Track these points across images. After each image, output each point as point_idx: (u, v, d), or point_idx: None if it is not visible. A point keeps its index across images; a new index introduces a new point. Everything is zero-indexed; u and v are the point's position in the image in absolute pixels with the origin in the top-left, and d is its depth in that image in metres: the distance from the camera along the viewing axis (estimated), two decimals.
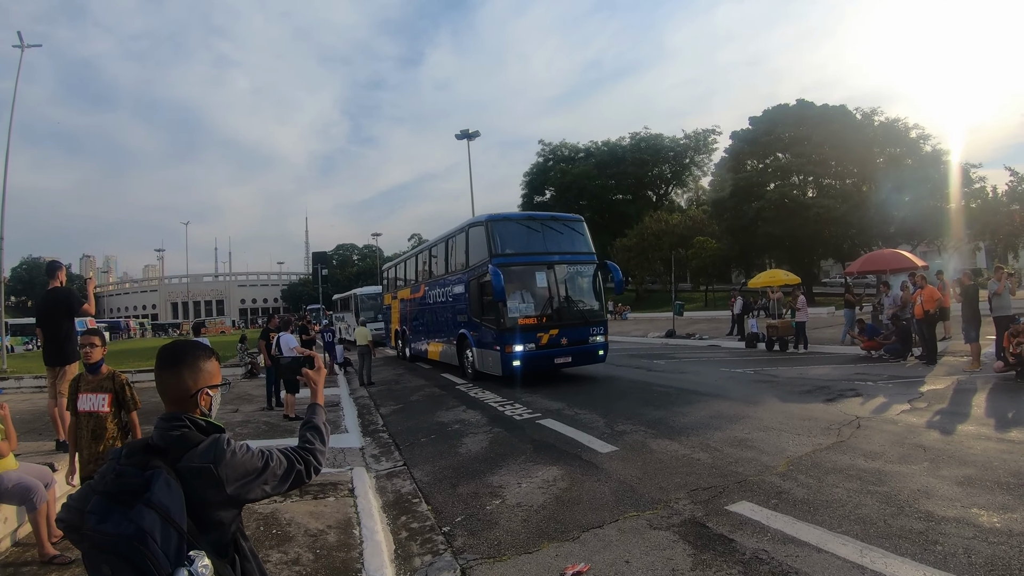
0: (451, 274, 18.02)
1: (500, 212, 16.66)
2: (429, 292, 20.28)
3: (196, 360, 2.23)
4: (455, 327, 17.50)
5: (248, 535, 2.23)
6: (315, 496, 6.88)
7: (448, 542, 5.53)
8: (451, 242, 18.22)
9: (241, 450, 2.07)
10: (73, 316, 7.39)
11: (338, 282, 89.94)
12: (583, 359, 15.44)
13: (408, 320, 23.79)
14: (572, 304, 15.36)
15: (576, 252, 16.02)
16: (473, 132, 42.82)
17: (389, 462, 8.64)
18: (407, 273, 24.87)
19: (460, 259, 17.18)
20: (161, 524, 1.77)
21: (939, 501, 5.52)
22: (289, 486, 2.22)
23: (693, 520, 5.49)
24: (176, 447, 1.99)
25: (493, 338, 14.62)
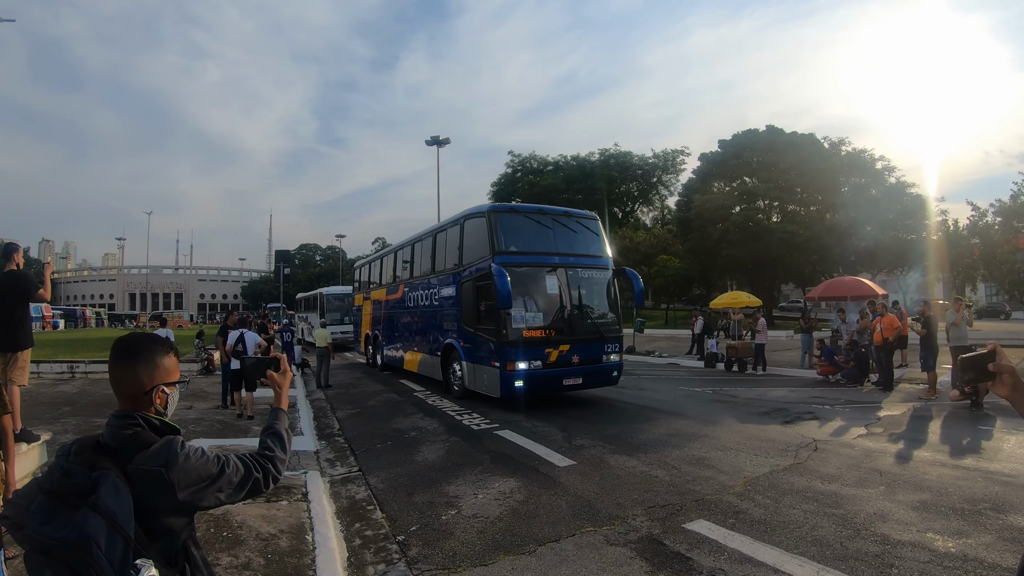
0: (438, 274, 15.61)
1: (503, 203, 15.77)
2: (409, 294, 17.85)
3: (153, 355, 2.09)
4: (440, 336, 15.15)
5: (199, 539, 2.12)
6: (268, 499, 6.72)
7: (402, 551, 5.43)
8: (441, 236, 15.80)
9: (195, 454, 1.97)
10: (28, 301, 7.15)
11: (299, 282, 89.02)
12: (595, 381, 13.19)
13: (382, 324, 21.20)
14: (586, 316, 13.08)
15: (592, 255, 13.68)
16: (443, 139, 42.62)
17: (344, 467, 8.49)
18: (383, 271, 21.89)
19: (451, 257, 14.70)
20: (107, 530, 1.68)
21: (895, 525, 5.57)
22: (246, 494, 2.12)
23: (650, 537, 5.46)
24: (127, 447, 1.88)
25: (491, 352, 12.31)
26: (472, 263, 13.25)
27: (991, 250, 33.21)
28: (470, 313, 13.26)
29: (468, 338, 13.39)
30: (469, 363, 13.42)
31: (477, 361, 13.04)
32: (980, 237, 34.93)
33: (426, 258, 16.78)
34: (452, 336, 14.34)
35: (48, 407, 12.44)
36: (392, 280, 20.29)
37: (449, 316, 14.54)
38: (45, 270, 8.28)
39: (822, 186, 46.68)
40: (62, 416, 11.38)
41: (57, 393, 14.64)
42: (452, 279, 14.42)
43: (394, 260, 20.42)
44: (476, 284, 12.91)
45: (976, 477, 7.11)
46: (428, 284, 16.22)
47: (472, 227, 13.72)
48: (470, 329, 13.25)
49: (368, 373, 21.33)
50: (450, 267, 14.72)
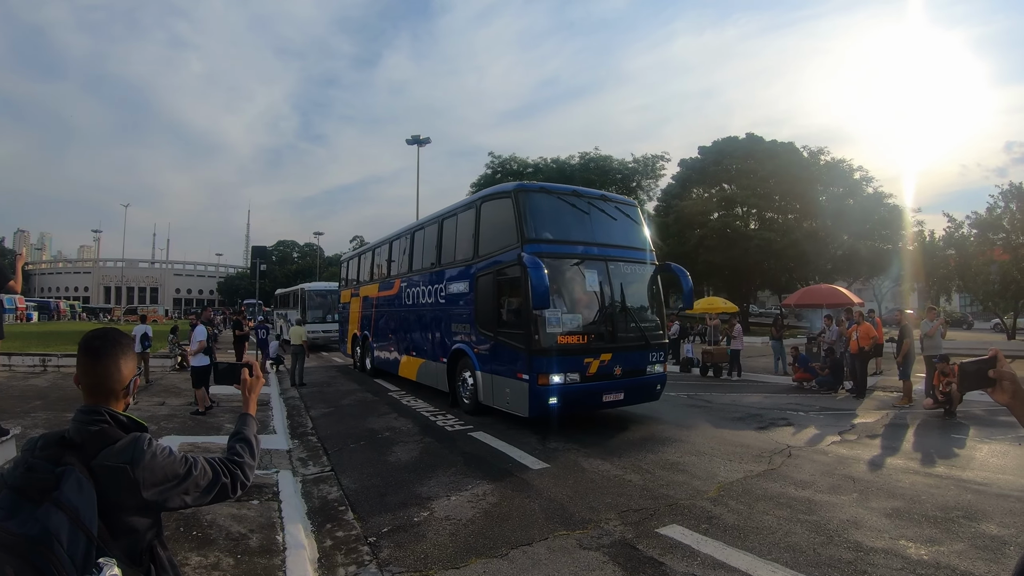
0: (447, 266, 13.34)
1: (532, 182, 12.46)
2: (408, 290, 15.61)
3: (129, 348, 2.11)
4: (446, 340, 13.04)
5: (166, 539, 2.07)
6: (238, 498, 6.60)
7: (374, 553, 5.37)
8: (449, 223, 13.66)
9: (162, 453, 1.95)
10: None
11: (276, 278, 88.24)
12: (637, 396, 11.18)
13: (372, 324, 18.86)
14: (629, 318, 11.04)
15: (634, 246, 11.77)
16: (424, 138, 42.43)
17: (317, 467, 8.40)
18: (376, 265, 19.44)
19: (463, 247, 12.66)
20: (69, 526, 1.65)
21: (868, 532, 5.58)
22: (212, 499, 2.10)
23: (623, 541, 5.43)
24: (93, 443, 1.86)
25: (517, 362, 10.17)
26: (491, 253, 11.25)
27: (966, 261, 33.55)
28: (488, 314, 11.22)
29: (485, 343, 11.35)
30: (485, 373, 11.32)
31: (497, 372, 10.89)
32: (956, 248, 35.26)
33: (429, 249, 14.57)
34: (462, 340, 12.26)
35: (19, 400, 12.27)
36: (386, 274, 17.94)
37: (459, 316, 12.47)
38: (17, 261, 8.17)
39: (800, 194, 47.00)
40: (33, 410, 11.22)
41: (28, 387, 14.47)
42: (464, 273, 12.32)
43: (388, 252, 18.01)
44: (497, 279, 10.93)
45: (949, 485, 7.16)
46: (432, 279, 14.08)
47: (492, 210, 11.66)
48: (487, 333, 11.20)
49: (344, 372, 21.03)
50: (461, 259, 12.61)
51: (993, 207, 35.09)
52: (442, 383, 13.32)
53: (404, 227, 17.20)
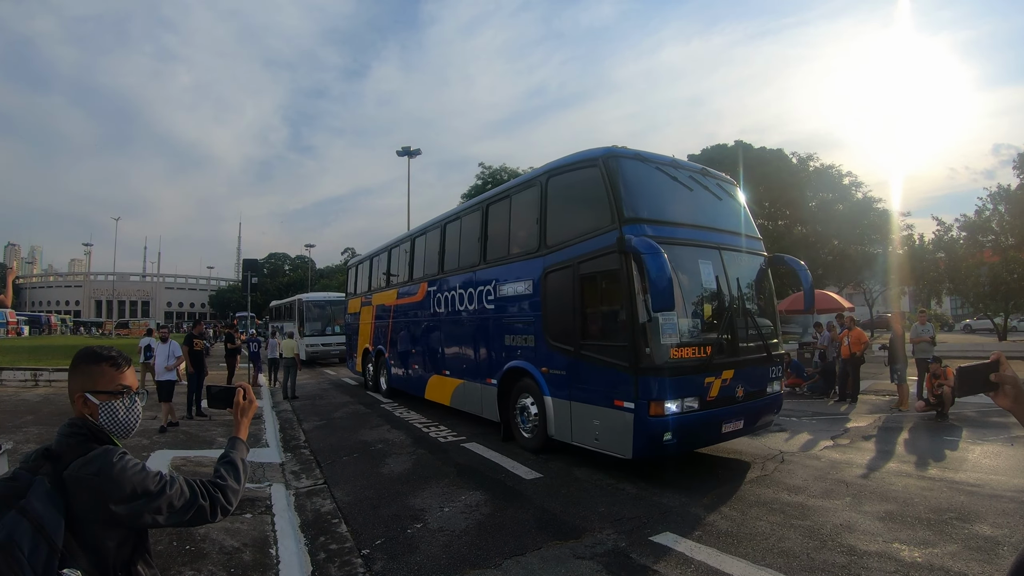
0: (497, 263, 10.77)
1: (621, 147, 9.18)
2: (438, 295, 12.97)
3: (84, 363, 2.12)
4: (497, 355, 10.56)
5: (160, 553, 2.06)
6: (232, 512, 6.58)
7: (367, 565, 5.34)
8: (498, 209, 11.16)
9: (133, 467, 1.92)
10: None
11: (268, 291, 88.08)
12: (755, 422, 8.70)
13: (390, 337, 16.18)
14: (750, 324, 8.76)
15: (747, 234, 9.60)
16: (414, 150, 42.43)
17: (310, 479, 8.37)
18: (393, 268, 16.70)
19: (522, 236, 10.25)
20: (32, 535, 1.67)
21: (861, 536, 5.60)
22: (189, 520, 2.04)
23: (617, 550, 5.43)
24: (68, 454, 1.88)
25: (614, 384, 7.73)
26: (568, 242, 8.85)
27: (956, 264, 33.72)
28: (564, 321, 8.77)
29: (559, 360, 8.87)
30: (559, 400, 8.87)
31: (579, 398, 8.45)
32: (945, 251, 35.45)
33: (469, 244, 11.99)
34: (523, 356, 9.81)
35: (10, 415, 12.20)
36: (408, 278, 15.21)
37: (517, 326, 10.04)
38: (8, 275, 8.12)
39: (790, 200, 47.17)
40: (24, 425, 11.16)
41: (20, 401, 14.38)
42: (525, 270, 9.86)
43: (410, 252, 15.20)
44: (581, 274, 8.52)
45: (942, 487, 7.19)
46: (474, 280, 11.47)
47: (566, 187, 9.33)
48: (563, 346, 8.75)
49: (336, 384, 20.98)
50: (520, 252, 10.19)
51: (982, 210, 35.34)
52: (489, 410, 10.82)
53: (431, 220, 14.45)
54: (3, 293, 7.10)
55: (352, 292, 21.10)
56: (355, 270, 21.17)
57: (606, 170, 8.26)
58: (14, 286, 7.96)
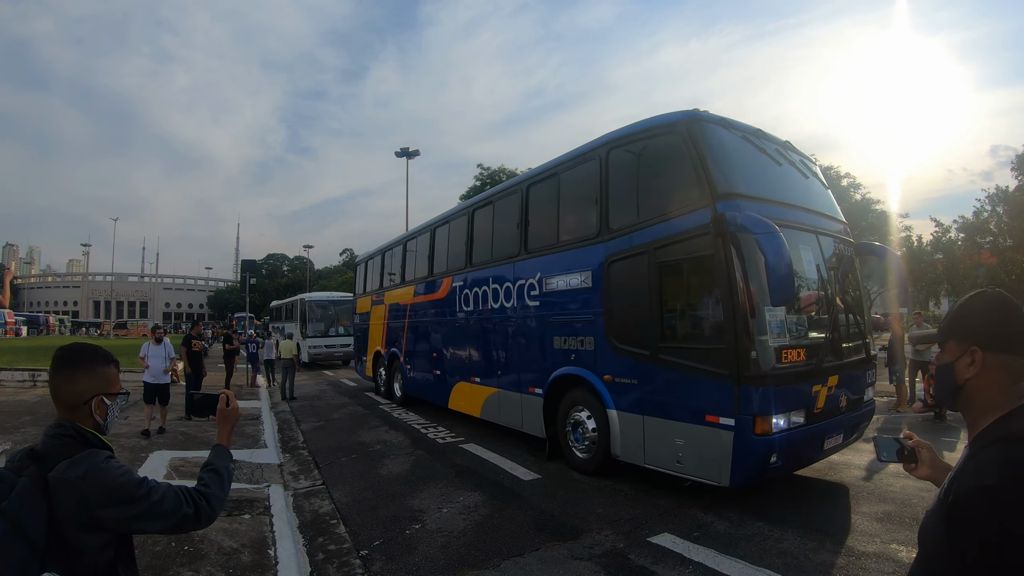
0: (542, 252, 9.25)
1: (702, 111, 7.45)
2: (466, 291, 11.38)
3: (94, 364, 2.09)
4: (545, 361, 9.07)
5: (135, 566, 2.06)
6: (230, 513, 6.63)
7: (366, 566, 5.36)
8: (542, 190, 9.63)
9: (118, 472, 1.91)
10: None
11: (266, 292, 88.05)
12: (853, 433, 7.63)
13: (406, 339, 14.68)
14: (849, 320, 7.70)
15: (837, 218, 8.54)
16: (413, 151, 42.38)
17: (308, 480, 8.36)
18: (409, 261, 15.01)
19: (575, 220, 8.91)
20: (10, 535, 1.67)
21: (859, 536, 5.61)
22: (174, 527, 2.02)
23: (615, 551, 5.45)
24: (53, 456, 1.87)
25: (706, 396, 6.48)
26: (640, 224, 7.36)
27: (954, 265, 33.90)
28: (638, 319, 7.28)
29: (629, 366, 7.39)
30: (629, 414, 7.41)
31: (658, 412, 7.01)
32: (943, 253, 35.64)
33: (506, 231, 10.40)
34: (577, 361, 8.30)
35: (8, 416, 12.20)
36: (428, 273, 13.56)
37: (570, 326, 8.48)
38: (5, 275, 8.15)
39: None
40: (22, 426, 11.16)
41: (18, 402, 14.37)
42: (581, 260, 8.33)
43: (431, 244, 13.58)
44: (659, 262, 7.03)
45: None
46: (513, 273, 9.92)
47: (637, 159, 7.70)
48: (636, 350, 7.26)
49: (334, 386, 20.92)
50: (572, 239, 8.70)
51: (980, 211, 35.46)
52: (532, 424, 9.47)
53: (455, 208, 13.23)
54: (1, 294, 7.11)
55: (361, 291, 19.38)
56: (364, 267, 19.23)
57: (690, 137, 6.90)
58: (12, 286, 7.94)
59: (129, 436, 10.38)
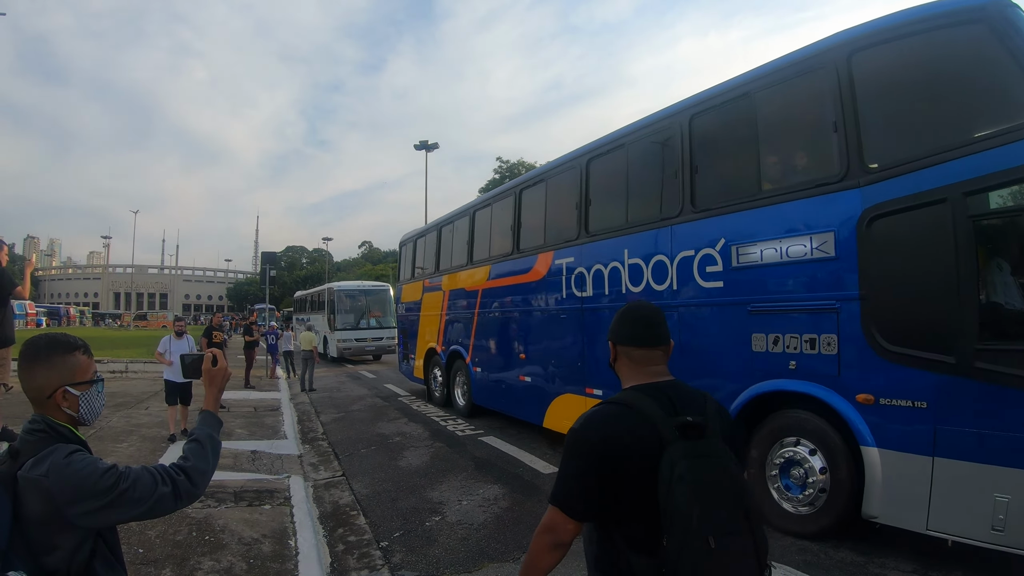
0: (717, 210, 6.72)
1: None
2: (577, 270, 8.76)
3: (51, 355, 1.99)
4: (732, 368, 6.44)
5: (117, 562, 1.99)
6: (250, 503, 6.70)
7: (386, 558, 5.40)
8: (725, 114, 6.90)
9: (82, 465, 1.81)
10: (3, 299, 7.07)
11: (285, 284, 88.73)
12: None
13: (474, 334, 12.01)
14: None
15: None
16: (432, 143, 42.40)
17: (328, 472, 8.42)
18: (479, 236, 12.27)
19: (790, 155, 6.57)
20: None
21: (878, 533, 5.56)
22: (150, 510, 1.89)
23: None
24: (25, 453, 1.82)
25: None
26: (927, 157, 5.04)
27: None
28: (934, 306, 5.06)
29: (914, 381, 5.08)
30: (905, 454, 5.08)
31: (966, 452, 4.79)
32: None
33: (650, 183, 7.97)
34: (803, 371, 5.81)
35: (27, 406, 12.06)
36: (512, 249, 10.73)
37: (789, 317, 5.95)
38: (26, 267, 8.26)
39: None
40: None
41: None
42: (808, 216, 5.86)
43: (515, 211, 10.76)
44: (976, 215, 4.80)
45: None
46: (672, 243, 7.18)
47: (909, 63, 5.50)
48: (935, 356, 4.94)
49: (353, 377, 20.98)
50: (791, 185, 6.16)
51: None
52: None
53: (554, 162, 10.22)
54: (21, 285, 7.20)
55: (408, 275, 16.41)
56: (413, 246, 16.18)
57: (1005, 25, 4.76)
58: (33, 278, 8.01)
59: (150, 426, 10.45)
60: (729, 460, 1.87)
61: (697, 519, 1.69)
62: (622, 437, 1.87)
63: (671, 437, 1.80)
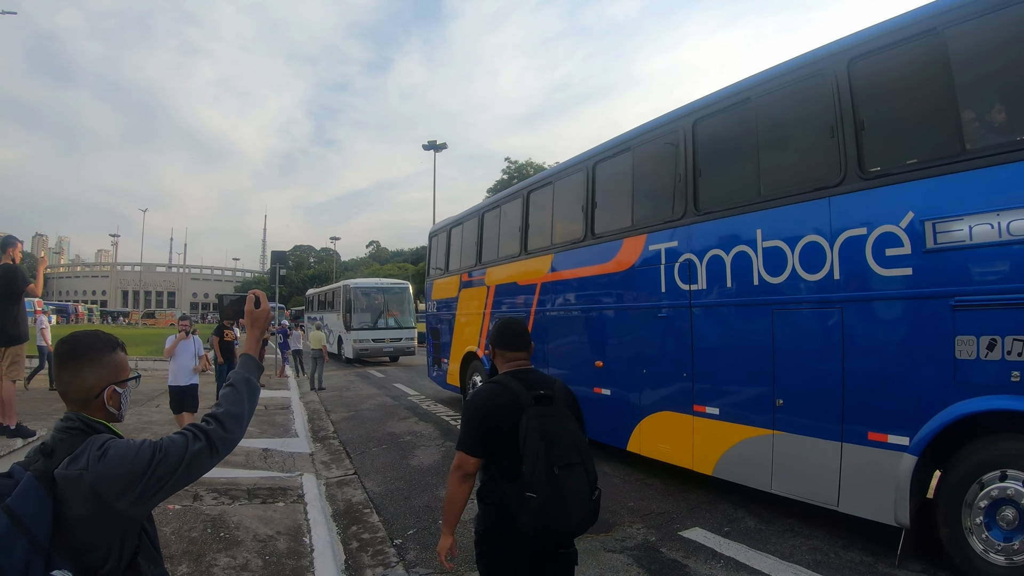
0: (906, 173, 5.07)
1: None
2: (682, 257, 7.15)
3: (99, 354, 1.99)
4: (921, 385, 4.87)
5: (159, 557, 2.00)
6: (264, 500, 6.78)
7: (400, 555, 5.48)
8: (915, 51, 5.07)
9: (119, 449, 1.79)
10: (16, 296, 7.16)
11: (292, 283, 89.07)
12: None
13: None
14: None
15: None
16: (440, 143, 42.47)
17: (340, 470, 8.50)
18: (535, 221, 10.50)
19: None
20: (10, 531, 1.61)
21: (889, 532, 5.58)
22: (187, 470, 1.85)
23: (646, 544, 5.52)
24: (60, 450, 1.80)
25: None
26: None
27: None
28: None
29: None
30: None
31: None
32: None
33: (788, 146, 6.61)
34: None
35: (41, 403, 12.37)
36: (586, 234, 8.96)
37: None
38: (39, 265, 8.36)
39: None
40: (55, 412, 11.24)
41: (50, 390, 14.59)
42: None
43: (587, 190, 9.00)
44: None
45: None
46: (830, 219, 5.58)
47: None
48: None
49: (362, 376, 21.08)
50: (994, 145, 4.61)
51: None
52: (869, 497, 5.19)
53: (639, 128, 8.25)
54: (33, 282, 7.29)
55: (441, 269, 14.50)
56: (445, 237, 14.34)
57: None
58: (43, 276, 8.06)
59: (161, 423, 10.45)
60: (569, 420, 2.87)
61: (544, 454, 2.64)
62: (498, 404, 2.86)
63: (528, 403, 2.79)
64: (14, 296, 7.11)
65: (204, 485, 6.94)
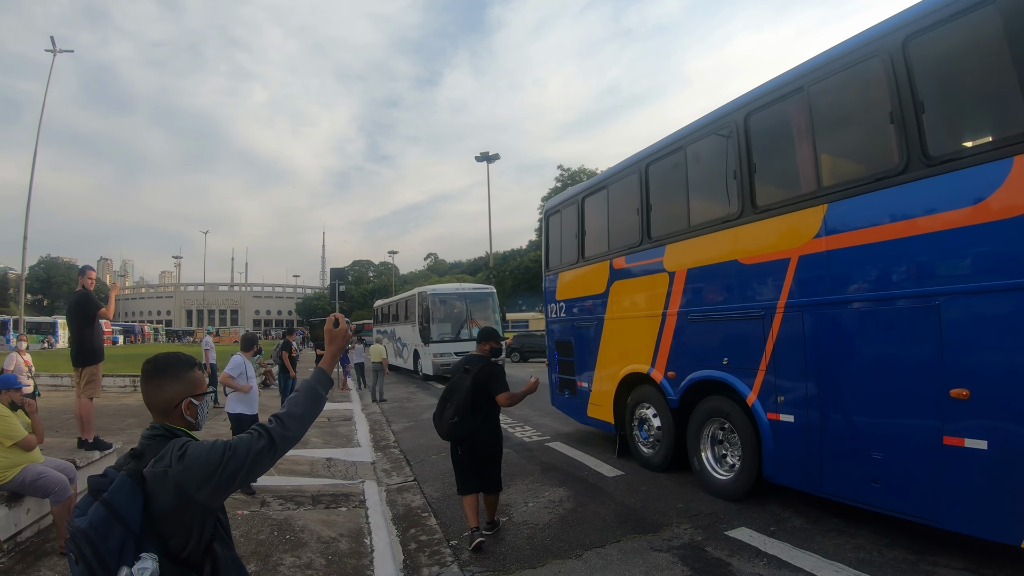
0: None
1: None
2: None
3: (179, 371, 2.29)
4: None
5: (230, 539, 2.30)
6: (327, 506, 7.13)
7: (455, 555, 5.72)
8: None
9: (196, 448, 2.05)
10: (90, 320, 7.64)
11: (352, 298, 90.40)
12: None
13: (769, 349, 6.20)
14: None
15: None
16: (493, 155, 42.82)
17: (400, 477, 8.80)
18: (762, 165, 6.50)
19: None
20: (108, 520, 1.85)
21: (931, 532, 5.59)
22: (252, 466, 2.09)
23: (693, 544, 5.65)
24: (148, 453, 2.06)
25: None
26: None
27: None
28: None
29: None
30: None
31: None
32: None
33: None
34: None
35: (114, 418, 12.96)
36: (902, 166, 4.89)
37: None
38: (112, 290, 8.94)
39: None
40: (128, 427, 11.86)
41: (121, 406, 15.17)
42: None
43: (891, 90, 4.95)
44: None
45: None
46: None
47: None
48: None
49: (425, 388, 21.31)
50: None
51: None
52: None
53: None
54: (105, 307, 7.79)
55: (574, 258, 10.38)
56: (576, 210, 10.35)
57: None
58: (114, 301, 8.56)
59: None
60: (470, 380, 5.82)
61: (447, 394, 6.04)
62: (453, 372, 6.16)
63: (460, 371, 5.97)
64: (88, 320, 7.61)
65: (271, 492, 7.36)
